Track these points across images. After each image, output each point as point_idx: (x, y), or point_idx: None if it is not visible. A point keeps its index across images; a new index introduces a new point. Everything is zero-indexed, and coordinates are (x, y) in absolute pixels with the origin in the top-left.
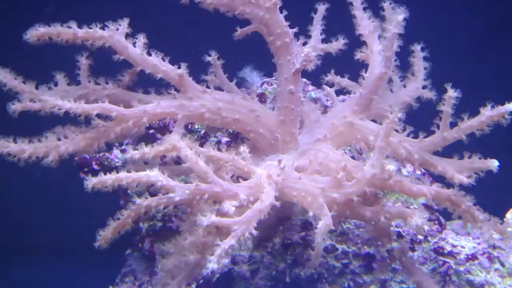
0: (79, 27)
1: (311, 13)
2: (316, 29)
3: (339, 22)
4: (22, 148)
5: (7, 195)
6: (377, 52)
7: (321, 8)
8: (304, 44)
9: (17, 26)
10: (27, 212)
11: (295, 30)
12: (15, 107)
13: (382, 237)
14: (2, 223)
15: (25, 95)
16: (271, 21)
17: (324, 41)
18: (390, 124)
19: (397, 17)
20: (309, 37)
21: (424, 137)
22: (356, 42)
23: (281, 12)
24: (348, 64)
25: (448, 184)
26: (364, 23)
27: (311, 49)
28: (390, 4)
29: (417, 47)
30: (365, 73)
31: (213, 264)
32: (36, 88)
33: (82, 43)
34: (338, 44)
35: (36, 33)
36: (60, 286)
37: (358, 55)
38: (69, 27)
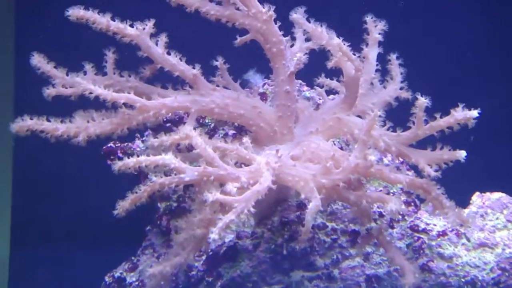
0: (113, 19)
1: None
2: (299, 31)
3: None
4: (56, 127)
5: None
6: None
7: (300, 12)
8: (292, 46)
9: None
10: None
11: (287, 38)
12: (49, 91)
13: (363, 217)
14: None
15: (57, 80)
16: (268, 32)
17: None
18: (371, 121)
19: (333, 42)
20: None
21: (402, 132)
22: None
23: (275, 23)
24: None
25: None
26: (317, 33)
27: (300, 52)
28: (371, 18)
29: (393, 56)
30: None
31: (215, 235)
32: (66, 75)
33: (112, 35)
34: None
35: (77, 13)
36: (88, 265)
37: (331, 64)
38: (104, 18)
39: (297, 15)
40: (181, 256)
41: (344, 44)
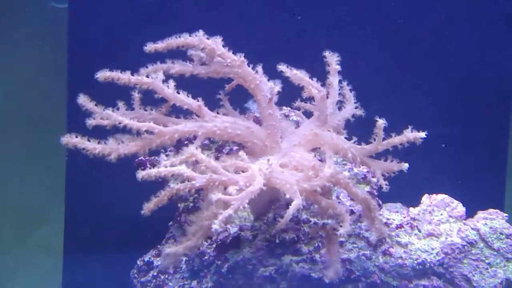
0: (132, 74)
1: None
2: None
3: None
4: (95, 147)
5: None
6: (312, 86)
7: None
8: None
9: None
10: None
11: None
12: (90, 122)
13: (323, 215)
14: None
15: (96, 114)
16: (243, 73)
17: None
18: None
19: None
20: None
21: (365, 145)
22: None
23: (249, 65)
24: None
25: None
26: (297, 77)
27: (273, 83)
28: (329, 52)
29: (344, 84)
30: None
31: (216, 226)
32: (103, 110)
33: (133, 86)
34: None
35: (104, 75)
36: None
37: (304, 95)
38: (126, 75)
39: (281, 66)
40: (191, 241)
41: (307, 76)
